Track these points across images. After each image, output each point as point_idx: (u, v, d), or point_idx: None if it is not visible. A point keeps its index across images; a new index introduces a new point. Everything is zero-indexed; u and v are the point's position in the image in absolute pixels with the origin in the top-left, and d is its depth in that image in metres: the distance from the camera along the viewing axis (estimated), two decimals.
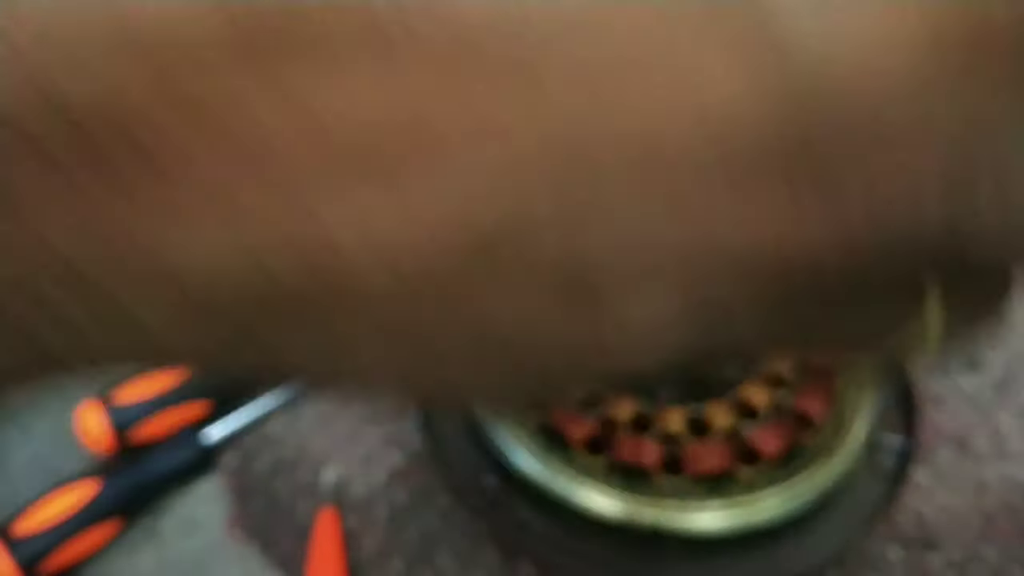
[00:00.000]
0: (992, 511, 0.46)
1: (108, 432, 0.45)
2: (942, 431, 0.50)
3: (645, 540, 0.39)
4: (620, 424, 0.40)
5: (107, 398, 0.46)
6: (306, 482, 0.46)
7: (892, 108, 0.12)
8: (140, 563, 0.43)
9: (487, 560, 0.43)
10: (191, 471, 0.46)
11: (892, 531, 0.45)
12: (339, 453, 0.48)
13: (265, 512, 0.45)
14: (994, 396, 0.52)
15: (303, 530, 0.44)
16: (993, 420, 0.51)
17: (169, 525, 0.45)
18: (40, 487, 0.45)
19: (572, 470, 0.40)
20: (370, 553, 0.43)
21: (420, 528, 0.45)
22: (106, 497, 0.43)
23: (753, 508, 0.39)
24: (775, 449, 0.40)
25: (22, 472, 0.47)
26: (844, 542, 0.41)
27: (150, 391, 0.46)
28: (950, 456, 0.49)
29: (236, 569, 0.43)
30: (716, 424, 0.40)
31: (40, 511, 0.42)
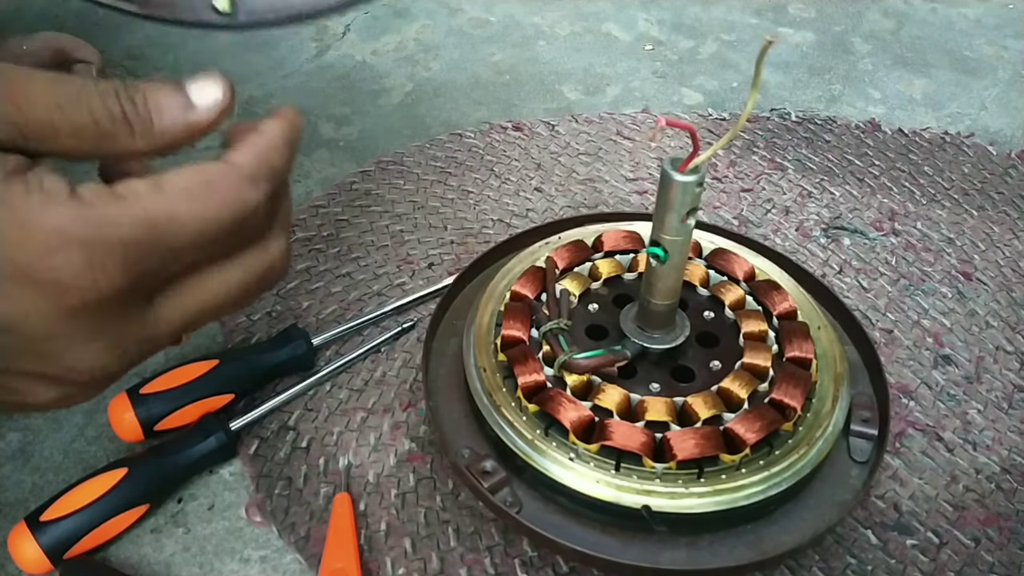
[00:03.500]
0: (963, 498, 0.49)
1: (136, 423, 0.47)
2: (915, 422, 0.53)
3: (634, 521, 0.41)
4: (611, 413, 0.43)
5: (136, 391, 0.48)
6: (321, 469, 0.49)
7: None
8: (165, 546, 0.46)
9: (488, 540, 0.46)
10: (213, 459, 0.48)
11: (868, 517, 0.47)
12: (352, 441, 0.50)
13: (283, 497, 0.47)
14: (965, 389, 0.55)
15: (319, 513, 0.46)
16: (964, 412, 0.53)
17: (192, 510, 0.47)
18: (69, 476, 0.48)
19: (566, 455, 0.42)
20: (380, 533, 0.46)
21: (426, 510, 0.47)
22: (132, 484, 0.45)
23: (735, 493, 0.41)
24: (755, 438, 0.42)
25: (52, 462, 0.49)
26: (822, 527, 0.42)
27: (176, 384, 0.49)
28: (923, 446, 0.51)
29: (256, 551, 0.46)
30: (700, 414, 0.43)
31: (70, 498, 0.44)
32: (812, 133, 0.78)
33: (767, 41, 0.34)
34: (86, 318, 0.28)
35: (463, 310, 0.52)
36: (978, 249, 0.66)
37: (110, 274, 0.27)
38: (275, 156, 0.31)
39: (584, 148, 0.75)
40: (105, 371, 0.30)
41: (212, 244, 0.30)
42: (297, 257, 0.62)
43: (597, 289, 0.51)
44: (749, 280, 0.51)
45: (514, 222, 0.66)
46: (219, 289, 0.31)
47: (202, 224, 0.29)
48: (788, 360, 0.46)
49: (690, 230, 0.41)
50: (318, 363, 0.54)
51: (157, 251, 0.28)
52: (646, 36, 0.93)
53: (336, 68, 0.86)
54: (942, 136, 0.78)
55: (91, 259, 0.27)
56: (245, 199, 0.29)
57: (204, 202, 0.29)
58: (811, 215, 0.68)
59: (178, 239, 0.28)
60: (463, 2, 0.98)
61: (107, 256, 0.27)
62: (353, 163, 0.73)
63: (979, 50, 0.92)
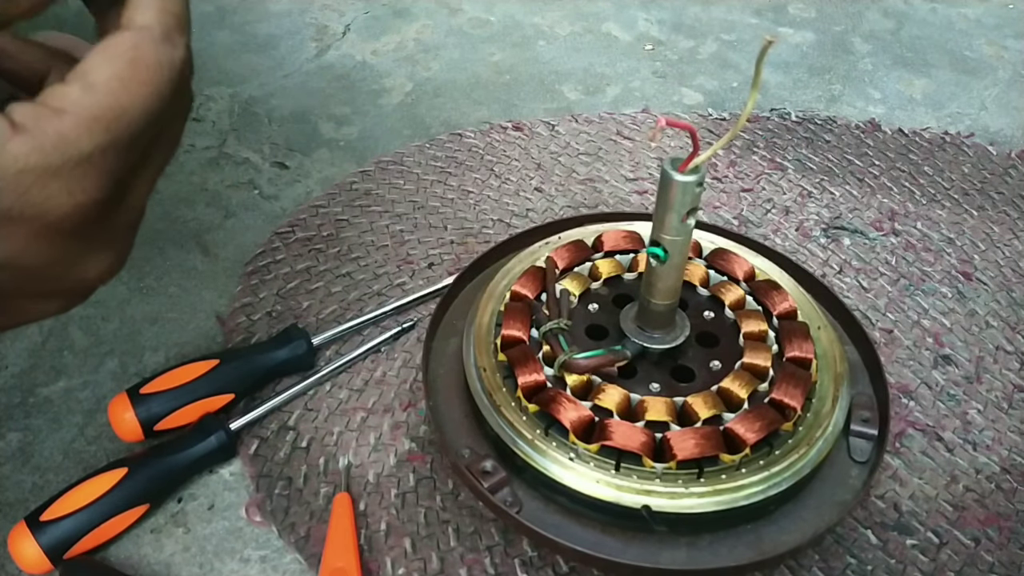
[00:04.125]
0: (964, 498, 0.49)
1: (136, 423, 0.47)
2: (915, 422, 0.53)
3: (634, 521, 0.41)
4: (611, 413, 0.43)
5: (136, 391, 0.48)
6: (321, 469, 0.49)
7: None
8: (165, 546, 0.46)
9: (488, 540, 0.46)
10: (213, 459, 0.48)
11: (868, 517, 0.47)
12: (352, 441, 0.50)
13: (283, 497, 0.47)
14: (965, 389, 0.55)
15: (319, 513, 0.47)
16: (964, 412, 0.54)
17: (192, 510, 0.47)
18: (69, 476, 0.48)
19: (566, 455, 0.42)
20: (380, 533, 0.46)
21: (426, 510, 0.47)
22: (132, 484, 0.45)
23: (735, 493, 0.41)
24: (755, 438, 0.42)
25: (52, 462, 0.49)
26: (822, 527, 0.42)
27: (176, 384, 0.49)
28: (923, 446, 0.51)
29: (256, 551, 0.46)
30: (700, 414, 0.43)
31: (70, 498, 0.44)
32: (812, 133, 0.78)
33: (767, 41, 0.34)
34: (80, 234, 0.29)
35: (463, 310, 0.52)
36: (978, 249, 0.66)
37: (89, 188, 0.28)
38: (173, 2, 0.30)
39: (584, 148, 0.75)
40: (110, 270, 0.31)
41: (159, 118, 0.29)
42: (297, 257, 0.63)
43: (597, 289, 0.51)
44: (749, 280, 0.51)
45: (514, 222, 0.66)
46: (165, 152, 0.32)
47: (147, 104, 0.28)
48: (788, 360, 0.46)
49: (690, 230, 0.41)
50: (318, 363, 0.54)
51: (120, 147, 0.28)
52: (646, 36, 0.93)
53: (336, 68, 0.86)
54: (942, 136, 0.78)
55: (67, 183, 0.27)
56: (171, 62, 0.29)
57: (138, 83, 0.28)
58: (811, 215, 0.68)
59: (133, 128, 0.28)
60: (463, 2, 0.98)
61: (80, 174, 0.27)
62: (353, 163, 0.73)
63: (979, 50, 0.92)
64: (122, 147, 0.28)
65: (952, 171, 0.74)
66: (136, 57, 0.28)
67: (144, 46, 0.28)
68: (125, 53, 0.28)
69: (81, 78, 0.28)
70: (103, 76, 0.27)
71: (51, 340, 0.57)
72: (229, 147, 0.75)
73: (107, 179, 0.28)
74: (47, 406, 0.53)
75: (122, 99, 0.28)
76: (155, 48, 0.28)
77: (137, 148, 0.29)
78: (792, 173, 0.73)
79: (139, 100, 0.28)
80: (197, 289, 0.61)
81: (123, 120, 0.28)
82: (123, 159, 0.29)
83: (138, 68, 0.28)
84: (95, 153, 0.27)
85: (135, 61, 0.28)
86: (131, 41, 0.28)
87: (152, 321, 0.58)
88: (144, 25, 0.29)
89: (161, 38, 0.29)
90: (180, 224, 0.66)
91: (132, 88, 0.28)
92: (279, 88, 0.82)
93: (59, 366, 0.55)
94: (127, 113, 0.28)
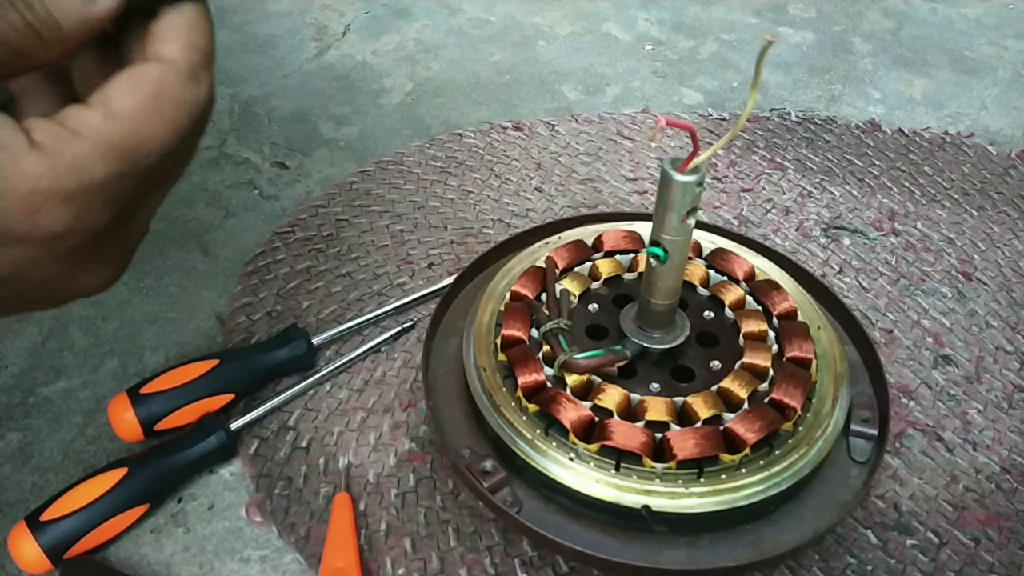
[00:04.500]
0: (963, 498, 0.49)
1: (136, 423, 0.47)
2: (915, 422, 0.53)
3: (634, 521, 0.41)
4: (611, 413, 0.43)
5: (136, 391, 0.48)
6: (321, 469, 0.49)
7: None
8: (165, 546, 0.46)
9: (488, 540, 0.46)
10: (213, 459, 0.48)
11: (868, 517, 0.47)
12: (352, 441, 0.50)
13: (283, 497, 0.47)
14: (965, 389, 0.55)
15: (319, 513, 0.47)
16: (964, 412, 0.53)
17: (192, 510, 0.47)
18: (69, 476, 0.48)
19: (566, 455, 0.42)
20: (380, 533, 0.46)
21: (426, 510, 0.47)
22: (132, 484, 0.45)
23: (735, 493, 0.41)
24: (755, 437, 0.42)
25: (52, 462, 0.49)
26: (822, 527, 0.42)
27: (176, 384, 0.49)
28: (923, 446, 0.51)
29: (256, 551, 0.46)
30: (700, 414, 0.43)
31: (70, 498, 0.43)
32: (812, 133, 0.78)
33: (767, 41, 0.34)
34: (83, 254, 0.29)
35: (463, 310, 0.52)
36: (978, 249, 0.66)
37: (97, 213, 0.28)
38: (200, 37, 0.29)
39: (584, 148, 0.75)
40: (106, 284, 0.31)
41: (178, 150, 0.29)
42: (297, 257, 0.63)
43: (597, 289, 0.51)
44: (749, 280, 0.51)
45: (514, 222, 0.66)
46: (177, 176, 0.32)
47: (166, 139, 0.28)
48: (788, 360, 0.46)
49: (690, 230, 0.42)
50: (318, 363, 0.54)
51: (133, 178, 0.28)
52: (646, 36, 0.93)
53: (336, 68, 0.86)
54: (942, 136, 0.78)
55: (76, 208, 0.27)
56: (195, 99, 0.29)
57: (160, 116, 0.28)
58: (811, 215, 0.68)
59: (149, 160, 0.28)
60: (463, 2, 0.98)
61: (91, 200, 0.27)
62: (353, 163, 0.73)
63: (979, 50, 0.92)
64: (136, 177, 0.28)
65: (952, 171, 0.74)
66: (160, 92, 0.28)
67: (169, 80, 0.28)
68: (150, 85, 0.28)
69: (103, 104, 0.27)
70: (126, 106, 0.27)
71: (51, 340, 0.57)
72: (229, 147, 0.75)
73: (116, 206, 0.28)
74: (47, 406, 0.53)
75: (142, 132, 0.28)
76: (180, 84, 0.28)
77: (150, 178, 0.29)
78: (792, 173, 0.73)
79: (159, 134, 0.28)
80: (197, 289, 0.61)
81: (140, 151, 0.28)
82: (135, 188, 0.29)
83: (161, 102, 0.28)
84: (108, 181, 0.27)
85: (159, 95, 0.28)
86: (157, 74, 0.28)
87: (152, 321, 0.58)
88: (171, 59, 0.28)
89: (187, 74, 0.29)
90: (180, 224, 0.66)
91: (153, 122, 0.28)
92: (279, 88, 0.82)
93: (59, 366, 0.55)
94: (144, 145, 0.28)
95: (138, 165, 0.28)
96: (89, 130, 0.27)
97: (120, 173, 0.28)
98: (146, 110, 0.28)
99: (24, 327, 0.57)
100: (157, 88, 0.28)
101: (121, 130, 0.27)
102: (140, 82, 0.28)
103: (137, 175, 0.28)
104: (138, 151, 0.28)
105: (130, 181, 0.28)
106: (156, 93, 0.28)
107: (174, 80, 0.28)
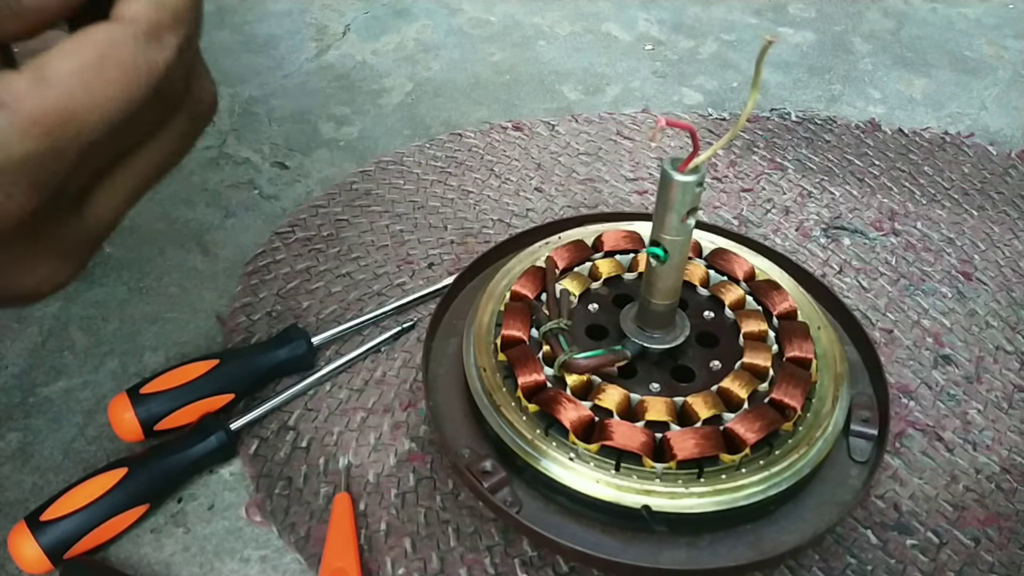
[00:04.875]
0: (963, 498, 0.48)
1: (136, 423, 0.47)
2: (915, 422, 0.53)
3: (634, 521, 0.41)
4: (611, 413, 0.43)
5: (136, 391, 0.48)
6: (321, 469, 0.49)
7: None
8: (165, 546, 0.46)
9: (488, 540, 0.46)
10: (213, 459, 0.48)
11: (868, 517, 0.47)
12: (352, 441, 0.50)
13: (283, 497, 0.47)
14: (965, 389, 0.55)
15: (319, 513, 0.46)
16: (964, 412, 0.53)
17: (192, 510, 0.47)
18: (69, 476, 0.48)
19: (566, 455, 0.42)
20: (380, 533, 0.46)
21: (426, 510, 0.47)
22: (132, 484, 0.45)
23: (735, 493, 0.41)
24: (755, 437, 0.42)
25: (52, 462, 0.49)
26: (822, 527, 0.42)
27: (176, 384, 0.49)
28: (923, 446, 0.51)
29: (256, 551, 0.46)
30: (700, 414, 0.43)
31: (70, 498, 0.43)
32: (812, 133, 0.78)
33: (767, 41, 0.34)
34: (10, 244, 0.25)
35: (463, 310, 0.52)
36: (978, 249, 0.66)
37: (19, 199, 0.24)
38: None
39: (584, 148, 0.75)
40: (52, 282, 0.27)
41: (128, 126, 0.25)
42: (297, 257, 0.63)
43: (597, 289, 0.51)
44: (749, 280, 0.51)
45: (514, 222, 0.66)
46: (152, 162, 0.28)
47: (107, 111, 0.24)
48: (788, 360, 0.46)
49: (690, 230, 0.42)
50: (318, 363, 0.54)
51: (64, 157, 0.24)
52: (646, 36, 0.93)
53: (336, 68, 0.86)
54: (942, 136, 0.78)
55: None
56: (151, 64, 0.24)
57: (103, 84, 0.23)
58: (811, 215, 0.68)
59: (84, 136, 0.24)
60: (463, 2, 0.98)
61: (9, 182, 0.23)
62: (353, 163, 0.73)
63: (979, 50, 0.92)
64: (73, 155, 0.24)
65: (952, 171, 0.74)
66: (108, 54, 0.24)
67: (121, 42, 0.24)
68: (96, 47, 0.24)
69: (36, 69, 0.23)
70: (61, 71, 0.23)
71: (51, 340, 0.57)
72: (229, 147, 0.75)
73: (47, 189, 0.24)
74: (47, 406, 0.52)
75: (76, 101, 0.23)
76: (134, 45, 0.24)
77: (94, 158, 0.25)
78: (792, 173, 0.73)
79: (100, 103, 0.24)
80: (197, 289, 0.61)
81: (72, 125, 0.24)
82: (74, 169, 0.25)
83: (107, 67, 0.24)
84: (32, 159, 0.23)
85: (105, 58, 0.24)
86: (107, 34, 0.24)
87: (152, 321, 0.58)
88: (131, 18, 0.24)
89: (146, 35, 0.24)
90: (180, 224, 0.66)
91: (93, 89, 0.24)
92: (279, 88, 0.82)
93: (59, 366, 0.55)
94: (79, 118, 0.24)
95: (71, 142, 0.24)
96: (12, 98, 0.23)
97: (50, 150, 0.23)
98: (84, 76, 0.23)
99: (24, 327, 0.57)
100: (104, 51, 0.24)
101: (50, 99, 0.23)
102: (85, 44, 0.24)
103: (74, 153, 0.24)
104: (69, 125, 0.23)
105: (65, 160, 0.24)
106: (102, 56, 0.24)
107: (127, 41, 0.24)
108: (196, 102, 0.28)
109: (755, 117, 0.79)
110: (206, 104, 0.29)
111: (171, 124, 0.28)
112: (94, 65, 0.23)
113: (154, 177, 0.29)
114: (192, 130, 0.29)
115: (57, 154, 0.24)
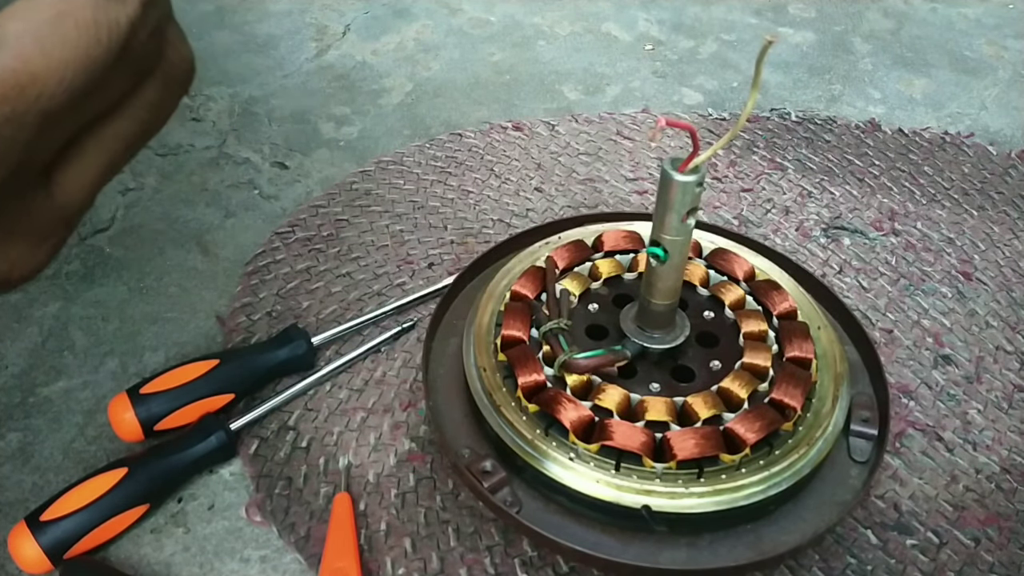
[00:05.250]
0: (963, 498, 0.48)
1: (136, 423, 0.47)
2: (915, 422, 0.53)
3: (634, 521, 0.41)
4: (611, 413, 0.43)
5: (136, 391, 0.48)
6: (321, 469, 0.49)
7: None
8: (165, 546, 0.46)
9: (488, 540, 0.46)
10: (213, 459, 0.48)
11: (868, 517, 0.47)
12: (352, 441, 0.50)
13: (283, 497, 0.47)
14: (965, 389, 0.55)
15: (319, 513, 0.46)
16: (964, 412, 0.53)
17: (192, 510, 0.47)
18: (69, 476, 0.48)
19: (566, 455, 0.42)
20: (380, 533, 0.46)
21: (426, 510, 0.47)
22: (132, 484, 0.45)
23: (735, 493, 0.41)
24: (755, 437, 0.42)
25: (52, 462, 0.49)
26: (822, 527, 0.42)
27: (176, 384, 0.49)
28: (923, 446, 0.51)
29: (256, 551, 0.46)
30: (700, 414, 0.43)
31: (70, 498, 0.43)
32: (812, 133, 0.78)
33: (767, 41, 0.34)
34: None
35: (463, 310, 0.52)
36: (978, 249, 0.66)
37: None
38: None
39: (584, 148, 0.75)
40: (24, 267, 0.26)
41: (94, 90, 0.23)
42: (297, 257, 0.63)
43: (597, 289, 0.51)
44: (749, 280, 0.51)
45: (514, 222, 0.66)
46: (124, 132, 0.26)
47: (67, 74, 0.22)
48: (788, 360, 0.46)
49: (690, 230, 0.42)
50: (318, 363, 0.54)
51: (23, 125, 0.22)
52: (646, 36, 0.93)
53: (336, 68, 0.86)
54: (942, 136, 0.78)
55: None
56: (113, 21, 0.23)
57: (60, 44, 0.22)
58: (811, 215, 0.68)
59: (44, 101, 0.22)
60: (463, 2, 0.98)
61: None
62: (353, 163, 0.73)
63: (979, 50, 0.92)
64: (29, 124, 0.22)
65: (952, 171, 0.74)
66: (64, 11, 0.22)
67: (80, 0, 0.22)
68: (52, 5, 0.22)
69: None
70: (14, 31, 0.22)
71: (51, 340, 0.57)
72: (229, 147, 0.75)
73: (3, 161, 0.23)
74: (47, 406, 0.52)
75: (33, 63, 0.22)
76: (93, 3, 0.22)
77: (58, 127, 0.24)
78: (792, 173, 0.73)
79: (58, 66, 0.22)
80: (197, 289, 0.61)
81: (30, 90, 0.22)
82: (33, 138, 0.23)
83: (65, 26, 0.22)
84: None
85: (63, 16, 0.22)
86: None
87: (152, 321, 0.58)
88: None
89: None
90: (180, 224, 0.66)
91: (50, 50, 0.22)
92: (279, 88, 0.82)
93: (59, 366, 0.55)
94: (37, 81, 0.22)
95: (34, 107, 0.22)
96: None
97: (7, 118, 0.22)
98: (40, 35, 0.22)
99: (24, 327, 0.57)
100: (61, 8, 0.22)
101: (3, 62, 0.21)
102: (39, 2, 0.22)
103: (35, 121, 0.22)
104: (30, 89, 0.22)
105: (25, 129, 0.22)
106: (59, 14, 0.22)
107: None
108: (170, 67, 0.27)
109: (755, 117, 0.79)
110: (181, 70, 0.27)
111: (143, 91, 0.26)
112: (50, 23, 0.22)
113: (127, 150, 0.27)
114: (167, 98, 0.27)
115: (15, 122, 0.22)
